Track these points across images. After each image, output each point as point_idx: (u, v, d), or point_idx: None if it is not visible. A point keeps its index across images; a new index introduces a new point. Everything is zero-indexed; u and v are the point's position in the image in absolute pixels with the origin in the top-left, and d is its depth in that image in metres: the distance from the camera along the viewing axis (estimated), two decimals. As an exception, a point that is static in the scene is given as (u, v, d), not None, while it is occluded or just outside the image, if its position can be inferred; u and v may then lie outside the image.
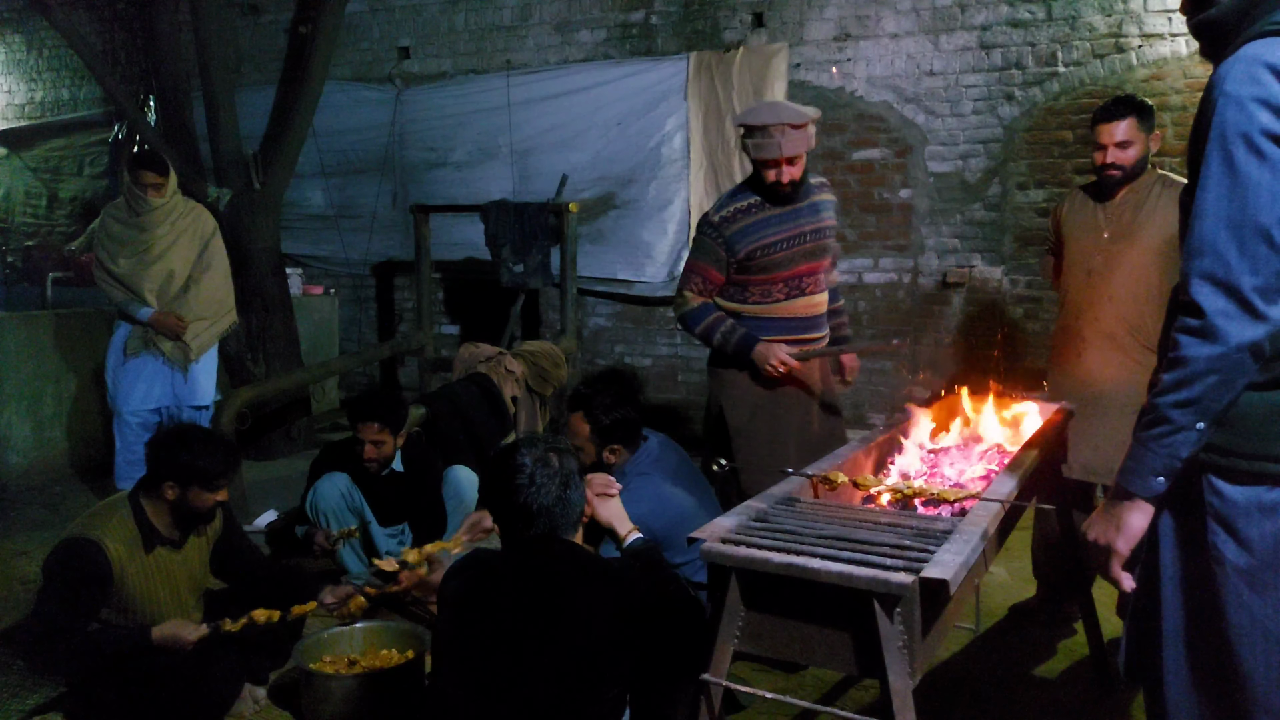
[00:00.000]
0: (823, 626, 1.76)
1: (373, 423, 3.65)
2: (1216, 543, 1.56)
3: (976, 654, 3.32)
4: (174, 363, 4.48)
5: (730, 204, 3.31)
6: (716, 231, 3.29)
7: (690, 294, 3.37)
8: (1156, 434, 1.54)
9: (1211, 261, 1.46)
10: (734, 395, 3.41)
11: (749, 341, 3.29)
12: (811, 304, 3.39)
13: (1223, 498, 1.56)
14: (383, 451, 3.69)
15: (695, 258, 3.37)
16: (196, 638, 2.72)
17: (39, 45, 9.12)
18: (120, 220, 4.48)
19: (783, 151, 3.13)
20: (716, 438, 3.56)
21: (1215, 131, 1.47)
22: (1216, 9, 1.58)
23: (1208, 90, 1.52)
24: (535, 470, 2.01)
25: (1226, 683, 1.59)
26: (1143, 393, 3.25)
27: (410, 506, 3.86)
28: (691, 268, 3.38)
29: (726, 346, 3.32)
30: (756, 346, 3.27)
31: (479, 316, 7.24)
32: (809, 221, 3.33)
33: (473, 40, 7.09)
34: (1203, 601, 1.60)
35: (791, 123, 3.12)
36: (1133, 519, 1.60)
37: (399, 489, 3.82)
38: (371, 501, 3.82)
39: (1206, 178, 1.48)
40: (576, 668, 1.95)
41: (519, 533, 2.04)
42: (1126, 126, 3.11)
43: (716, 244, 3.29)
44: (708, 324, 3.34)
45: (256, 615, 2.83)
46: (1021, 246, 5.63)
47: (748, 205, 3.29)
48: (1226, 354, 1.45)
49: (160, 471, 2.76)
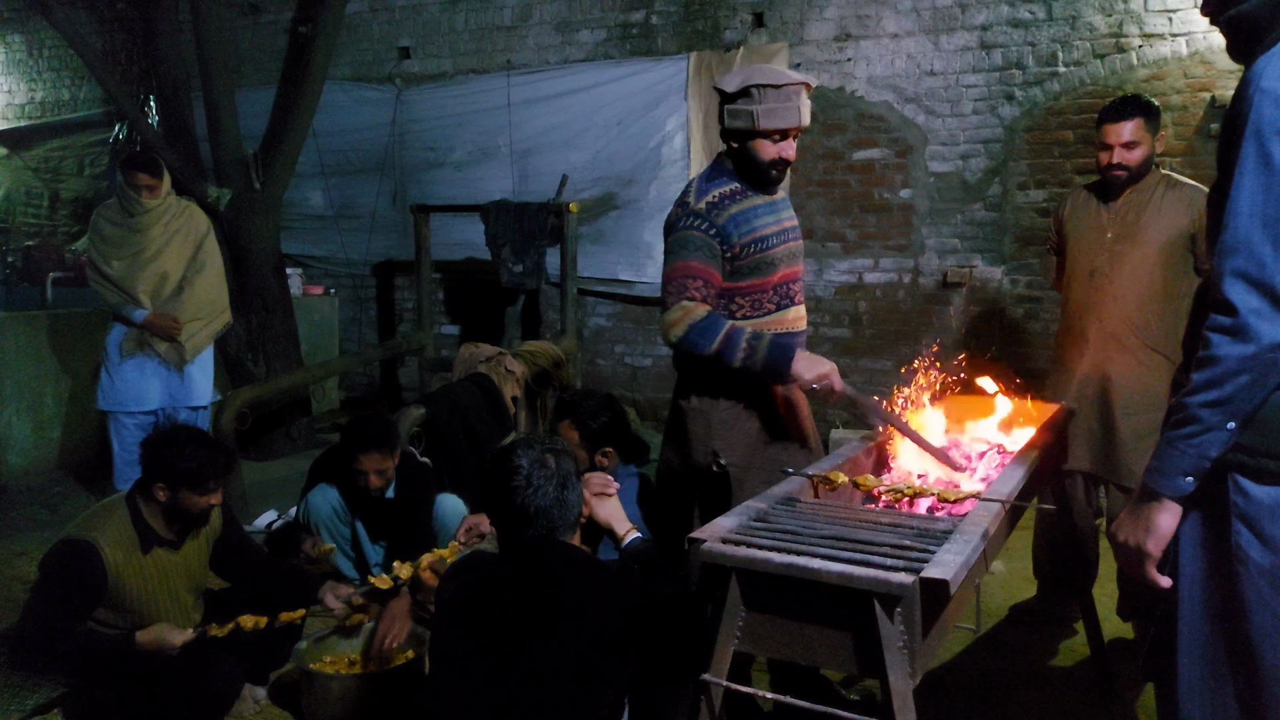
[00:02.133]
0: (823, 627, 1.76)
1: (375, 452, 3.46)
2: (1241, 543, 1.54)
3: (976, 654, 3.32)
4: (169, 364, 4.48)
5: (710, 188, 2.63)
6: (704, 220, 2.57)
7: (690, 303, 2.53)
8: (1186, 434, 1.51)
9: (1245, 260, 1.44)
10: (730, 438, 2.65)
11: (785, 351, 2.50)
12: (800, 316, 2.77)
13: (1248, 497, 1.54)
14: (386, 478, 3.54)
15: (685, 257, 2.56)
16: (182, 641, 2.70)
17: (39, 45, 9.12)
18: (113, 222, 4.47)
19: (802, 118, 2.56)
20: (686, 491, 2.75)
21: (1251, 128, 1.44)
22: (1249, 4, 1.54)
23: (1242, 86, 1.49)
24: (532, 471, 2.00)
25: (1243, 684, 1.58)
26: (1143, 392, 3.26)
27: (395, 530, 3.72)
28: (683, 271, 2.55)
29: (754, 362, 2.49)
30: (795, 359, 2.50)
31: (479, 316, 7.24)
32: (788, 216, 2.76)
33: (473, 40, 7.09)
34: (1224, 602, 1.59)
35: (809, 83, 2.61)
36: (1161, 519, 1.58)
37: (388, 512, 3.69)
38: (362, 518, 3.75)
39: (1241, 175, 1.45)
40: (575, 670, 1.94)
41: (516, 534, 2.03)
42: (1133, 127, 3.10)
43: (709, 236, 2.56)
44: (725, 336, 2.49)
45: (243, 620, 2.81)
46: (1022, 246, 5.62)
47: (730, 191, 2.63)
48: (1259, 354, 1.43)
49: (152, 473, 2.76)
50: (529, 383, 5.28)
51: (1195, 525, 1.63)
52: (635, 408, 6.51)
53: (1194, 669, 1.63)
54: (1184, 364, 1.60)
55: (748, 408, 2.67)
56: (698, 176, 2.73)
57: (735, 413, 2.66)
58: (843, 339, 6.07)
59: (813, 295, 6.05)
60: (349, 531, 3.77)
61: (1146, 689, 3.08)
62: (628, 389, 6.76)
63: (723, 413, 2.66)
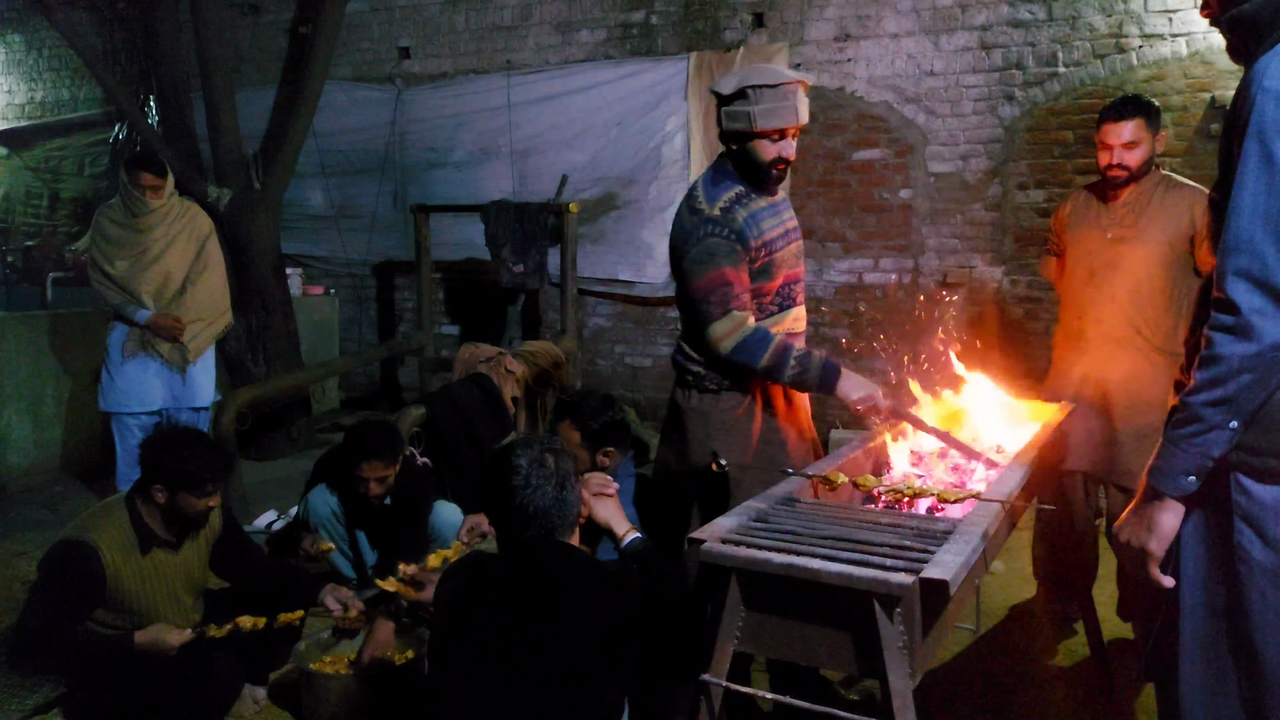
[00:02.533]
0: (823, 627, 1.76)
1: (378, 460, 3.46)
2: (1243, 542, 1.54)
3: (976, 654, 3.32)
4: (172, 365, 4.47)
5: (719, 193, 2.62)
6: (723, 226, 2.56)
7: (740, 313, 2.53)
8: (1188, 433, 1.52)
9: (1248, 259, 1.44)
10: (730, 438, 2.65)
11: (834, 373, 2.54)
12: (800, 317, 2.78)
13: (1250, 497, 1.54)
14: (385, 485, 3.54)
15: (719, 264, 2.53)
16: (179, 642, 2.70)
17: (39, 45, 9.12)
18: (116, 222, 4.46)
19: (800, 116, 2.57)
20: (685, 491, 2.73)
21: (1253, 127, 1.45)
22: (1250, 4, 1.54)
23: (1244, 86, 1.49)
24: (531, 472, 2.00)
25: (1245, 684, 1.58)
26: (1143, 393, 3.25)
27: (389, 537, 3.72)
28: (721, 279, 2.53)
29: (803, 380, 2.54)
30: (842, 379, 2.54)
31: (479, 316, 7.24)
32: (789, 217, 2.76)
33: (473, 40, 7.09)
34: (1226, 601, 1.59)
35: (805, 81, 2.60)
36: (1164, 519, 1.58)
37: (384, 519, 3.70)
38: (359, 524, 3.75)
39: (1243, 174, 1.46)
40: (573, 670, 1.94)
41: (515, 534, 2.03)
42: (1134, 127, 3.09)
43: (730, 241, 2.55)
44: (775, 352, 2.51)
45: (242, 621, 2.81)
46: (1022, 247, 5.62)
47: (737, 194, 2.62)
48: (1261, 352, 1.44)
49: (150, 475, 2.76)
50: (529, 383, 5.28)
51: (1198, 525, 1.62)
52: (635, 408, 6.51)
53: (1196, 669, 1.63)
54: (1186, 364, 1.60)
55: (748, 408, 2.66)
56: (701, 181, 2.72)
57: (735, 413, 2.65)
58: (843, 339, 6.08)
59: (813, 295, 6.05)
60: (347, 534, 3.77)
61: (1146, 689, 3.08)
62: (628, 389, 6.76)
63: (723, 413, 2.65)
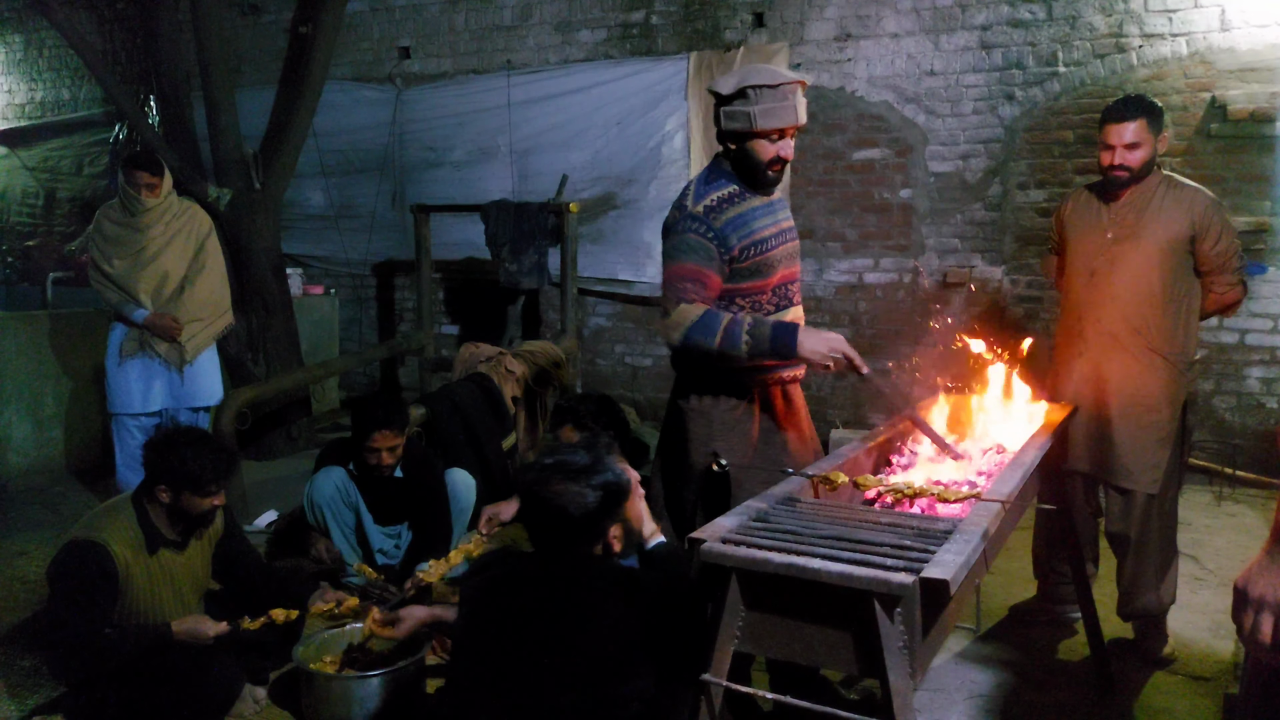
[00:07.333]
0: (823, 626, 1.76)
1: (388, 430, 3.61)
2: None
3: (976, 654, 3.32)
4: (170, 364, 4.47)
5: (709, 192, 2.64)
6: (703, 224, 2.57)
7: (687, 304, 2.54)
8: None
9: None
10: (731, 438, 2.65)
11: (789, 331, 2.52)
12: (798, 317, 2.76)
13: None
14: (396, 455, 3.68)
15: (682, 259, 2.57)
16: (216, 633, 2.75)
17: (39, 45, 9.12)
18: (115, 221, 4.46)
19: (799, 116, 2.57)
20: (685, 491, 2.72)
21: None
22: None
23: None
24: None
25: None
26: (1141, 393, 3.24)
27: (409, 509, 3.86)
28: (679, 274, 2.56)
29: (761, 349, 2.50)
30: (800, 335, 2.52)
31: (479, 316, 7.24)
32: (785, 217, 2.77)
33: (473, 40, 7.09)
34: None
35: (804, 81, 2.60)
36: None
37: (398, 491, 3.81)
38: (368, 499, 3.82)
39: None
40: (594, 675, 1.95)
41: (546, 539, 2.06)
42: (1136, 128, 3.08)
43: (706, 239, 2.56)
44: (725, 330, 2.50)
45: (275, 614, 2.86)
46: (1022, 246, 5.63)
47: (728, 194, 2.64)
48: None
49: (155, 475, 2.77)
50: (529, 383, 5.28)
51: None
52: (635, 408, 6.51)
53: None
54: None
55: (748, 408, 2.67)
56: (696, 179, 2.73)
57: (736, 413, 2.66)
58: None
59: (813, 295, 6.05)
60: (352, 516, 3.82)
61: (1146, 689, 3.09)
62: (628, 389, 6.77)
63: (724, 413, 2.65)
